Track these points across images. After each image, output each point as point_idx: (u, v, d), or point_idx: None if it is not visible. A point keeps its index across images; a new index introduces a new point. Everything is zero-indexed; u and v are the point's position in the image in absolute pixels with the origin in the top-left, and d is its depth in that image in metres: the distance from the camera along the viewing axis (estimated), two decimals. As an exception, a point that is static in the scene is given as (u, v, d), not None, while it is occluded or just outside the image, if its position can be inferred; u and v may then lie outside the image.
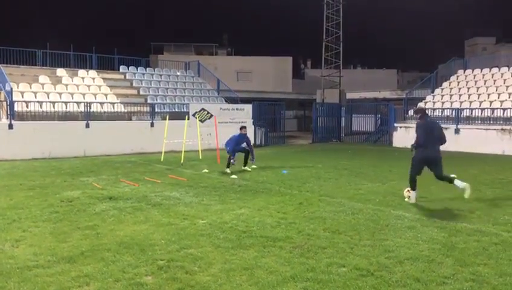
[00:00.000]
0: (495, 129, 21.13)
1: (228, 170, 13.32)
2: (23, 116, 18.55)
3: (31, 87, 20.45)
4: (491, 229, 7.04)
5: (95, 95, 21.72)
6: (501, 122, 21.42)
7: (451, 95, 25.76)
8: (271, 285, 4.81)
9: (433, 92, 27.29)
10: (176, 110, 23.01)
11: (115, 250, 5.93)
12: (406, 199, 9.10)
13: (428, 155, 8.87)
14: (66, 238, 6.47)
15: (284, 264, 5.43)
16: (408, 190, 9.19)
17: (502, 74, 25.30)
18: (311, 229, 6.97)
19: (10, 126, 17.42)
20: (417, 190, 9.06)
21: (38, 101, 19.37)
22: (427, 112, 10.11)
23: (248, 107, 24.75)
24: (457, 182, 8.83)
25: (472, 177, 12.34)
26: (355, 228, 7.11)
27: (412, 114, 9.40)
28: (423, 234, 6.71)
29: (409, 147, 9.25)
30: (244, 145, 14.26)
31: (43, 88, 20.78)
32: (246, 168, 14.07)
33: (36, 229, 6.95)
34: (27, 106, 18.92)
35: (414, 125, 26.44)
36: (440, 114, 24.12)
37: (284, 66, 46.72)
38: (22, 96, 19.47)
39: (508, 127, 20.74)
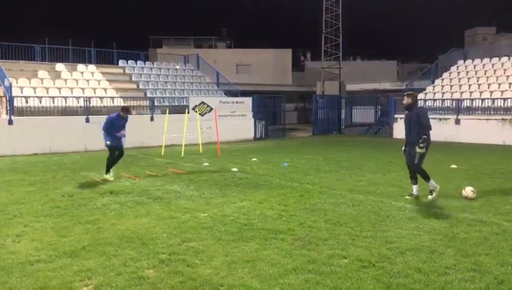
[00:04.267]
0: (495, 119, 21.09)
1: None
2: (22, 112, 18.52)
3: (30, 83, 20.40)
4: (492, 219, 7.04)
5: (94, 89, 21.67)
6: (501, 112, 21.38)
7: (451, 86, 25.70)
8: (273, 277, 4.81)
9: (433, 82, 27.22)
10: (176, 104, 22.97)
11: (117, 244, 5.94)
12: (430, 197, 8.50)
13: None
14: (67, 233, 6.47)
15: (286, 257, 5.44)
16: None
17: (503, 64, 25.21)
18: (312, 221, 6.98)
19: (10, 122, 17.40)
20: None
21: (37, 97, 19.33)
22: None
23: (248, 100, 24.71)
24: (415, 187, 8.70)
25: (473, 168, 12.36)
26: (357, 219, 7.11)
27: (407, 101, 8.85)
28: (424, 225, 6.72)
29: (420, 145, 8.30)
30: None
31: (42, 83, 20.73)
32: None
33: (37, 224, 6.96)
34: (26, 102, 18.88)
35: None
36: (440, 105, 24.08)
37: (283, 59, 46.56)
38: (21, 92, 19.42)
39: (508, 117, 20.70)
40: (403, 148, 8.88)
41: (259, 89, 33.65)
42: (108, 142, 11.20)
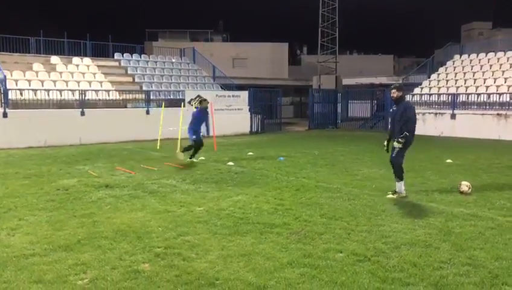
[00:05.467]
0: (491, 114, 21.14)
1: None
2: (17, 105, 18.41)
3: (24, 75, 20.27)
4: (487, 214, 7.07)
5: (89, 82, 21.56)
6: (497, 107, 21.43)
7: (447, 80, 25.74)
8: (268, 271, 4.82)
9: (429, 77, 27.26)
10: (172, 97, 22.90)
11: (112, 238, 5.92)
12: (390, 196, 8.22)
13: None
14: (62, 227, 6.45)
15: (281, 251, 5.44)
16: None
17: (498, 59, 25.26)
18: (308, 215, 6.98)
19: (5, 114, 17.29)
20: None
21: (32, 89, 19.21)
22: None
23: (244, 94, 24.66)
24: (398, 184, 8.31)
25: (468, 162, 12.40)
26: (352, 213, 7.12)
27: (396, 94, 8.54)
28: (420, 220, 6.74)
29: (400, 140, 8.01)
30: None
31: (37, 76, 20.61)
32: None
33: (32, 218, 6.93)
34: (21, 94, 18.77)
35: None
36: (436, 99, 24.11)
37: (280, 52, 46.46)
38: (16, 84, 19.30)
39: (504, 112, 20.75)
40: (384, 143, 8.49)
41: (255, 82, 33.60)
42: (194, 137, 12.51)
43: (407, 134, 7.95)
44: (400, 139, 7.99)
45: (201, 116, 12.73)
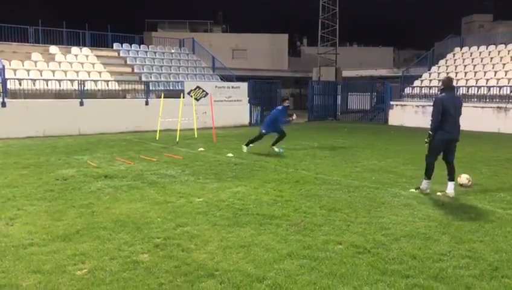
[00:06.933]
0: (491, 107, 21.11)
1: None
2: (16, 94, 18.32)
3: (23, 65, 20.15)
4: (487, 207, 7.06)
5: (88, 72, 21.44)
6: (497, 100, 21.40)
7: (447, 73, 25.61)
8: (267, 262, 4.80)
9: (429, 69, 27.16)
10: (171, 88, 22.80)
11: (111, 228, 5.91)
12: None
13: (449, 137, 7.74)
14: (61, 217, 6.43)
15: (281, 242, 5.43)
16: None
17: (499, 52, 25.16)
18: (308, 207, 6.97)
19: (3, 104, 17.21)
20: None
21: (31, 79, 19.12)
22: (451, 84, 8.18)
23: (244, 85, 24.57)
24: (451, 185, 7.86)
25: (469, 155, 12.37)
26: (352, 205, 7.11)
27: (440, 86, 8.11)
28: (419, 212, 6.73)
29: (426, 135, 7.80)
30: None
31: (35, 65, 20.48)
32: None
33: (31, 208, 6.91)
34: (20, 84, 18.67)
35: (410, 103, 26.30)
36: (437, 92, 24.02)
37: (279, 44, 46.30)
38: (15, 74, 19.18)
39: (504, 105, 20.72)
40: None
41: (255, 74, 33.50)
42: (264, 131, 12.87)
43: (430, 132, 7.72)
44: (426, 139, 7.84)
45: (281, 113, 12.97)
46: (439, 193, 7.83)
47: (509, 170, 10.48)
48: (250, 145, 13.17)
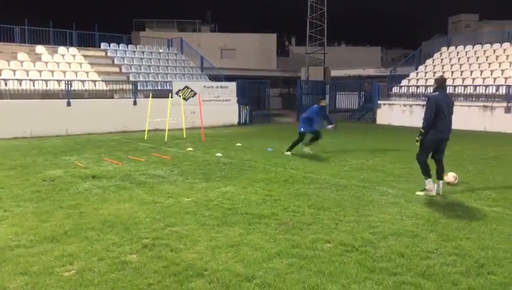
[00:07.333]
0: (477, 106, 21.34)
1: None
2: (1, 95, 18.11)
3: (9, 65, 19.91)
4: (474, 204, 7.15)
5: (75, 72, 21.26)
6: (483, 99, 21.63)
7: (434, 72, 25.84)
8: (257, 262, 4.81)
9: (416, 69, 27.38)
10: (159, 88, 22.69)
11: (99, 229, 5.87)
12: (418, 193, 7.76)
13: (441, 136, 7.75)
14: (48, 218, 6.38)
15: (270, 241, 5.44)
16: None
17: (485, 51, 25.44)
18: (296, 206, 6.99)
19: (-11, 105, 17.02)
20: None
21: (17, 79, 18.91)
22: (444, 83, 8.19)
23: (232, 85, 24.54)
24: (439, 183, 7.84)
25: (455, 154, 12.48)
26: (340, 204, 7.15)
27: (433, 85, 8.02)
28: (407, 210, 6.79)
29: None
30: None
31: (22, 65, 20.25)
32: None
33: (18, 209, 6.84)
34: (6, 84, 18.46)
35: (397, 102, 26.46)
36: (424, 91, 24.23)
37: (268, 43, 46.30)
38: (0, 74, 18.96)
39: (489, 104, 20.96)
40: None
41: (243, 73, 33.44)
42: (302, 129, 12.68)
43: (422, 130, 7.62)
44: (417, 137, 7.73)
45: (317, 114, 12.80)
46: (418, 193, 7.80)
47: (495, 168, 10.62)
48: (294, 149, 12.69)
